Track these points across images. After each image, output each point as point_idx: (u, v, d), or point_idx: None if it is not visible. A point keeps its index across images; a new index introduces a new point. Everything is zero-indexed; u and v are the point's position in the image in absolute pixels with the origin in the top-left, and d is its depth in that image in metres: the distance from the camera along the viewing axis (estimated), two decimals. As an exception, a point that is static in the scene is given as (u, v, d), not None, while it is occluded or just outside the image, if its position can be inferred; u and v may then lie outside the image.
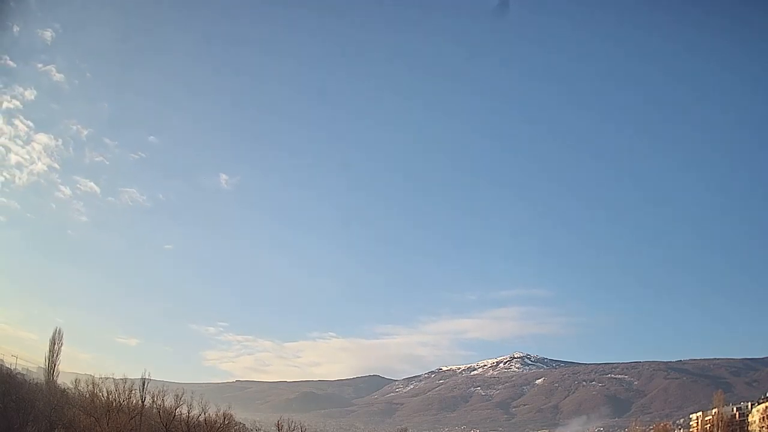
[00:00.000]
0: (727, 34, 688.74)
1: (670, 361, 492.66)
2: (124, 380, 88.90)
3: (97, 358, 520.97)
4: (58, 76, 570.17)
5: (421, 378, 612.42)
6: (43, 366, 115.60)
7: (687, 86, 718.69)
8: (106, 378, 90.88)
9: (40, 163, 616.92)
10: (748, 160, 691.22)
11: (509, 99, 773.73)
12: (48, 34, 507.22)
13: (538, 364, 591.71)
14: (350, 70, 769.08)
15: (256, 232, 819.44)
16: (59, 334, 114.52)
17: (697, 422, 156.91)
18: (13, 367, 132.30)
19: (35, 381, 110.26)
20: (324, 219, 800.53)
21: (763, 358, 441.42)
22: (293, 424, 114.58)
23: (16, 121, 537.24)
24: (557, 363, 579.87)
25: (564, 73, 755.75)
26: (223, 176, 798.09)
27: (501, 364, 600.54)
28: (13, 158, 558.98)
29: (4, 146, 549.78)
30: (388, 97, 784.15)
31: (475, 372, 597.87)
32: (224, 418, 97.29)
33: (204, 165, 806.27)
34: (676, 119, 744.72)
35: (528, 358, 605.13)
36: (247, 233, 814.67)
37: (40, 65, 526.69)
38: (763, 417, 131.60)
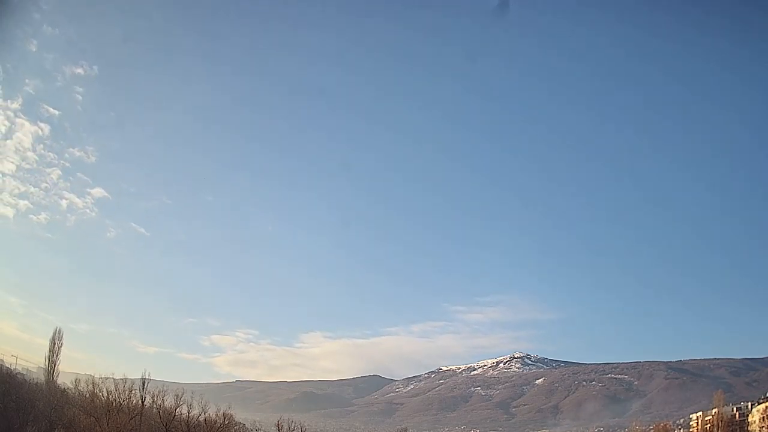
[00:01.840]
0: (728, 34, 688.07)
1: (670, 361, 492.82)
2: (124, 380, 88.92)
3: (96, 358, 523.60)
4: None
5: (421, 378, 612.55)
6: (43, 366, 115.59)
7: (687, 86, 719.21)
8: (106, 378, 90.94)
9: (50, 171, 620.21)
10: (749, 160, 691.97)
11: (509, 99, 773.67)
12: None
13: (538, 364, 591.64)
14: (350, 69, 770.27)
15: (255, 232, 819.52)
16: (59, 334, 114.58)
17: (697, 422, 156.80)
18: (13, 367, 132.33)
19: (35, 381, 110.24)
20: (324, 218, 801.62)
21: (763, 358, 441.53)
22: (293, 424, 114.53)
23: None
24: (557, 363, 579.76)
25: (564, 72, 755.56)
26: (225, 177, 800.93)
27: (501, 364, 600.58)
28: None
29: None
30: (389, 97, 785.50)
31: (475, 372, 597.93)
32: (224, 418, 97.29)
33: (205, 166, 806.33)
34: (675, 119, 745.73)
35: (528, 358, 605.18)
36: (246, 232, 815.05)
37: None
38: (763, 417, 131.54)
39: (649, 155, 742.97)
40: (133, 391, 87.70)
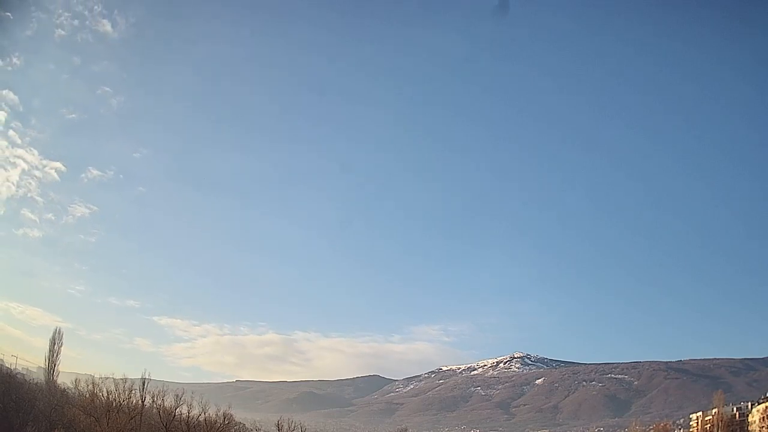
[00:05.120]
0: (730, 33, 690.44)
1: (670, 361, 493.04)
2: (124, 380, 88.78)
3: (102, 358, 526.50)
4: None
5: (421, 378, 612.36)
6: (43, 366, 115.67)
7: (689, 84, 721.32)
8: (106, 378, 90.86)
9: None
10: (750, 159, 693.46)
11: (511, 98, 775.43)
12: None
13: (538, 364, 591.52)
14: (351, 68, 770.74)
15: (255, 230, 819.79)
16: (59, 334, 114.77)
17: (697, 422, 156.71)
18: (13, 367, 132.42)
19: (35, 381, 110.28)
20: (324, 218, 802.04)
21: (763, 358, 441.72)
22: (293, 424, 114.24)
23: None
24: (557, 363, 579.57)
25: (565, 70, 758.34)
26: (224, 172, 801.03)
27: (501, 364, 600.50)
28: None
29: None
30: (390, 95, 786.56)
31: (475, 372, 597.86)
32: (224, 418, 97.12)
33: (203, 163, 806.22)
34: (675, 118, 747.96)
35: (528, 358, 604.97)
36: (246, 231, 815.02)
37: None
38: (763, 417, 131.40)
39: (652, 154, 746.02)
40: (133, 391, 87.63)
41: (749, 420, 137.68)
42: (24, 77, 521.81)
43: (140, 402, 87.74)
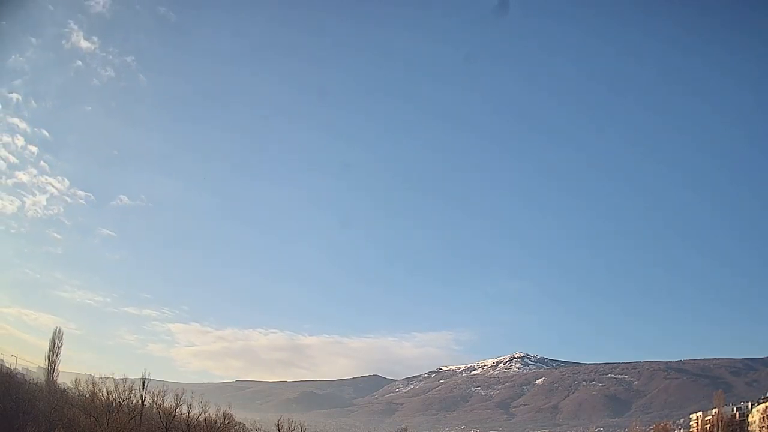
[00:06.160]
0: (729, 40, 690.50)
1: (670, 361, 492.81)
2: (124, 380, 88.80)
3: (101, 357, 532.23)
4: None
5: (421, 378, 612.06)
6: (43, 366, 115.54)
7: (684, 89, 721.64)
8: (106, 378, 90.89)
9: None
10: (748, 162, 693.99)
11: (508, 100, 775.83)
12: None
13: (538, 364, 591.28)
14: (349, 70, 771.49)
15: (254, 231, 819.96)
16: (59, 334, 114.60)
17: (697, 422, 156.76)
18: (13, 367, 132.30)
19: (35, 381, 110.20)
20: (322, 219, 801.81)
21: (763, 358, 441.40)
22: (293, 424, 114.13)
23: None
24: (557, 363, 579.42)
25: (562, 74, 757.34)
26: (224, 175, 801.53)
27: (501, 364, 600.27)
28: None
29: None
30: (387, 97, 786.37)
31: (475, 372, 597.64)
32: (224, 418, 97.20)
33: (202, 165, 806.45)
34: (672, 122, 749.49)
35: (528, 358, 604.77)
36: (243, 231, 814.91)
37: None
38: (763, 417, 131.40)
39: (648, 157, 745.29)
40: (133, 391, 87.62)
41: (749, 420, 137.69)
42: (58, 117, 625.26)
43: (140, 402, 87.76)
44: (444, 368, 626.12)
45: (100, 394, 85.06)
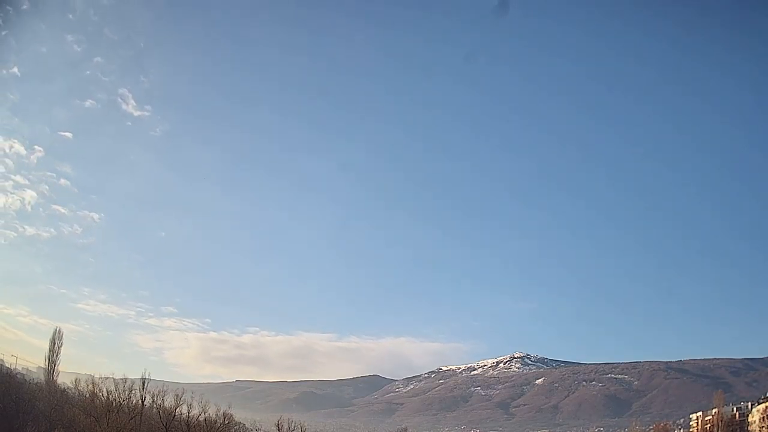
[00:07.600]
0: (729, 40, 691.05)
1: (670, 361, 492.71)
2: (124, 380, 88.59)
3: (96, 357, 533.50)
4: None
5: (421, 378, 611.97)
6: (43, 366, 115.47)
7: (685, 89, 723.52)
8: (106, 378, 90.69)
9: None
10: (748, 161, 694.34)
11: (508, 100, 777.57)
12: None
13: (538, 364, 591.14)
14: (350, 69, 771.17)
15: (254, 229, 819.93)
16: (59, 334, 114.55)
17: (697, 422, 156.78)
18: (13, 367, 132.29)
19: (35, 381, 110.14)
20: (323, 218, 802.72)
21: (763, 358, 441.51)
22: (293, 424, 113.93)
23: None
24: (557, 363, 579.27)
25: (563, 74, 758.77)
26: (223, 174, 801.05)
27: (501, 364, 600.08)
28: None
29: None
30: (388, 97, 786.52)
31: (475, 372, 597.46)
32: (224, 418, 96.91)
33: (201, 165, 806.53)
34: (673, 121, 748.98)
35: (528, 358, 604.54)
36: (244, 230, 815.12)
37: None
38: (763, 417, 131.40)
39: (649, 157, 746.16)
40: (133, 391, 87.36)
41: (749, 420, 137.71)
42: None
43: (140, 402, 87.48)
44: (444, 368, 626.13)
45: (100, 394, 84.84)
